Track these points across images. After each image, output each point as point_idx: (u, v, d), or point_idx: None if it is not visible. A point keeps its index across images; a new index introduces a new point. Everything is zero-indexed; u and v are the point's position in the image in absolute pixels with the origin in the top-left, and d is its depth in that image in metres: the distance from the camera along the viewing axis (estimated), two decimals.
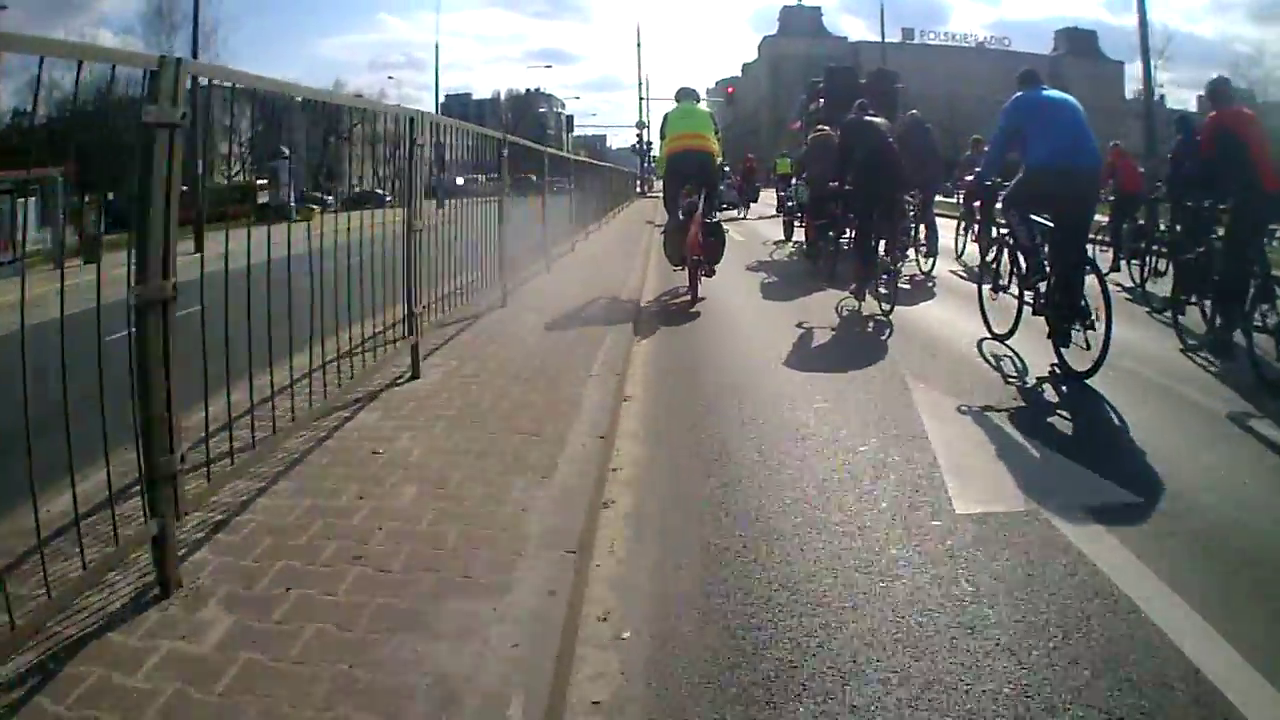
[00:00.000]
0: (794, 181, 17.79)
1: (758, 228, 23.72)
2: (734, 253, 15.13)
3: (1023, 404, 5.77)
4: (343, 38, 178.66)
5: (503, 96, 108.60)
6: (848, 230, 12.43)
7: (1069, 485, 4.20)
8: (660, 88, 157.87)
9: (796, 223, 17.31)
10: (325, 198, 40.08)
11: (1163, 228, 10.86)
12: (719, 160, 11.19)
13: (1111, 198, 12.17)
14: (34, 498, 2.59)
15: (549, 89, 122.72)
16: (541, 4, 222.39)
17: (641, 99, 53.47)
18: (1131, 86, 67.60)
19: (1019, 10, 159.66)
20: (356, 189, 40.92)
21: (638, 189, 52.77)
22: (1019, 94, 6.83)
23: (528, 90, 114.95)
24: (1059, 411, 5.68)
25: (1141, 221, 11.52)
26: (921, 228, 12.34)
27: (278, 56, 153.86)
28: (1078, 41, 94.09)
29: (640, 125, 54.35)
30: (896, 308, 8.71)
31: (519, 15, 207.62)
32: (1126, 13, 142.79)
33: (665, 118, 10.84)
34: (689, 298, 10.17)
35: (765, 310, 10.16)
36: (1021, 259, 6.96)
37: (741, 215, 29.72)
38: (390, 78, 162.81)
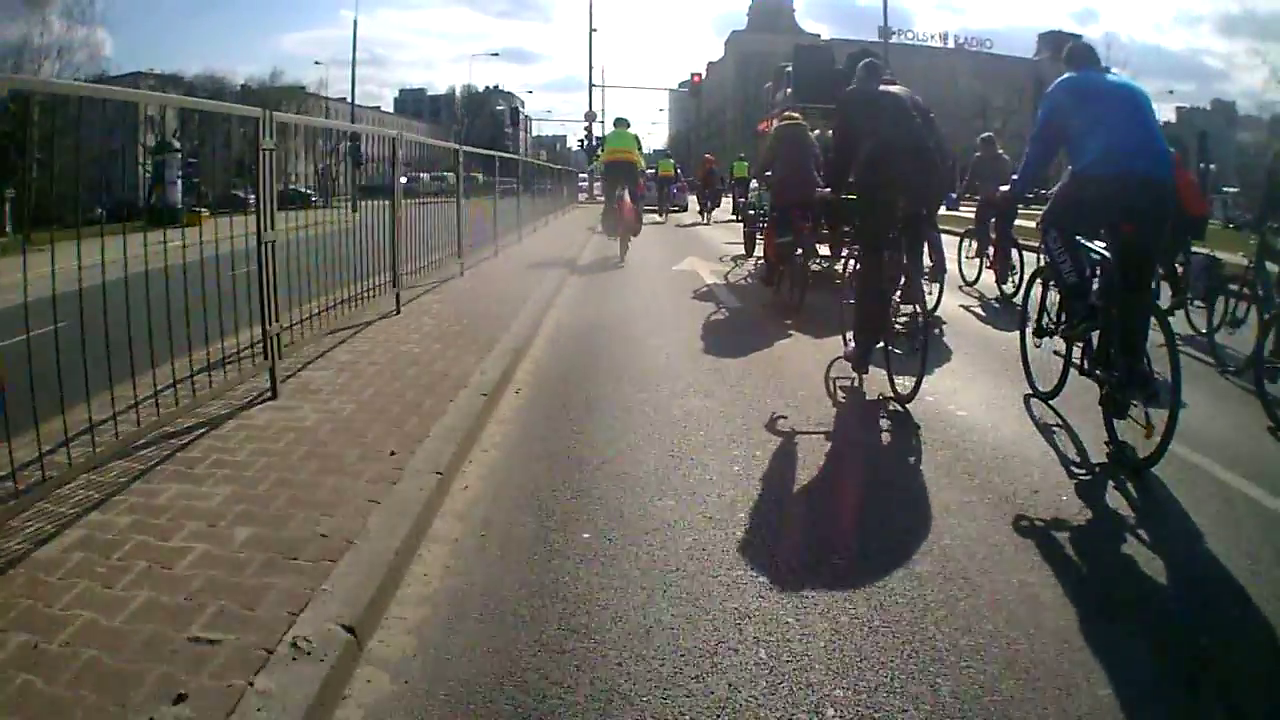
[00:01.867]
0: (753, 185, 15.66)
1: (715, 238, 21.19)
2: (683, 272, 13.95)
3: (1071, 522, 4.13)
4: (305, 33, 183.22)
5: (458, 93, 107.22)
6: (822, 252, 11.07)
7: None
8: (617, 92, 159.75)
9: (759, 235, 14.67)
10: (246, 197, 39.15)
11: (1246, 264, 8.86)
12: (640, 167, 17.25)
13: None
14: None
15: (510, 87, 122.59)
16: (504, 3, 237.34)
17: (593, 86, 48.96)
18: None
19: (982, 20, 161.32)
20: (291, 188, 39.94)
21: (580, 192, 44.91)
22: (1066, 76, 5.26)
23: (486, 88, 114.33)
24: (1111, 536, 4.01)
25: (1209, 253, 9.36)
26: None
27: (240, 49, 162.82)
28: (1062, 46, 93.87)
29: (590, 117, 49.55)
30: (898, 378, 6.09)
31: (482, 14, 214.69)
32: (1093, 22, 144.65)
33: (604, 138, 16.91)
34: (619, 257, 15.34)
35: (706, 377, 6.84)
36: (1065, 299, 5.38)
37: (704, 221, 28.42)
38: (317, 62, 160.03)
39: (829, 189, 7.16)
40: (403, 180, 9.44)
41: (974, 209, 12.34)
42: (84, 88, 4.41)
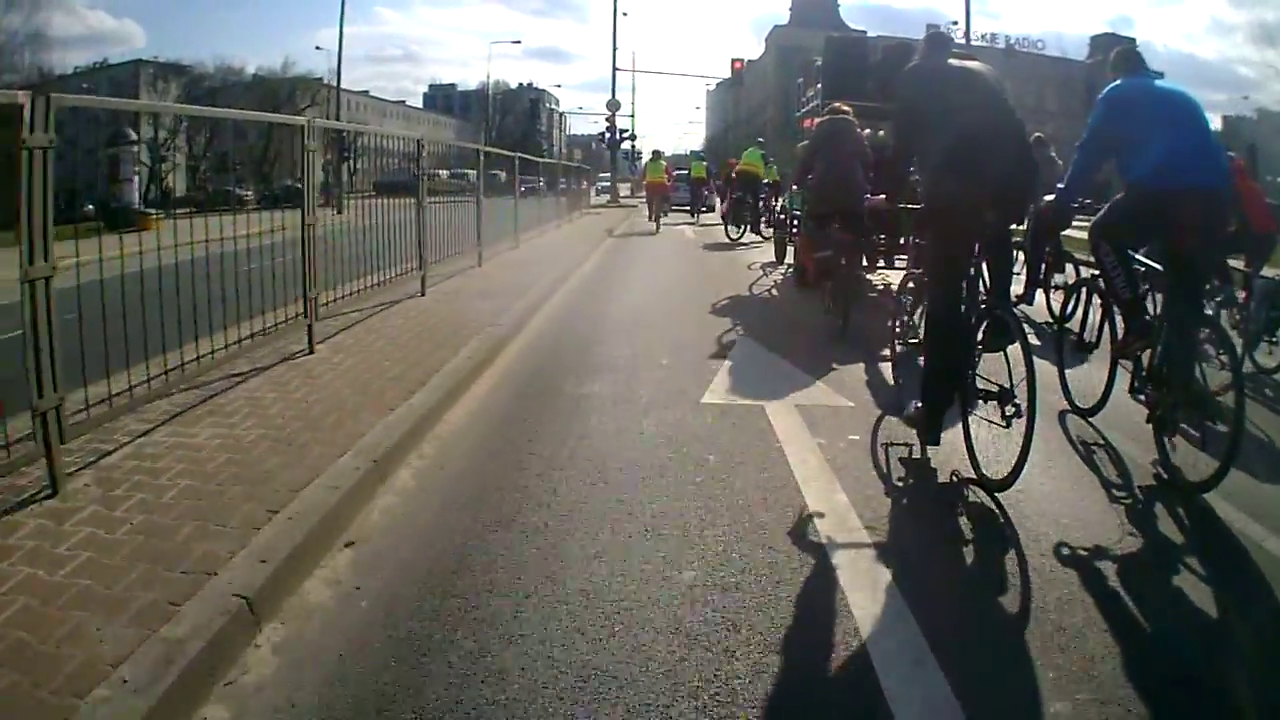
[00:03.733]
0: (792, 190, 14.56)
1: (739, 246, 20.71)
2: (702, 283, 13.36)
3: (1112, 547, 4.04)
4: (344, 29, 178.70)
5: (490, 89, 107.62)
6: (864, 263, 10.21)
7: None
8: (649, 82, 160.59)
9: (789, 241, 14.50)
10: (244, 193, 39.75)
11: None
12: (671, 187, 28.96)
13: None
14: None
15: (544, 86, 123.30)
16: (539, 2, 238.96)
17: (617, 70, 48.03)
18: None
19: (1017, 25, 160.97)
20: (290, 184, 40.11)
21: (591, 193, 43.71)
22: (1117, 83, 5.23)
23: (519, 84, 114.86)
24: (1153, 566, 3.93)
25: (1275, 277, 8.36)
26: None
27: (274, 44, 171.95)
28: (1113, 50, 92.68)
29: (611, 105, 47.62)
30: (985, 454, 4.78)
31: (517, 13, 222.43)
32: (1128, 29, 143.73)
33: (645, 166, 29.38)
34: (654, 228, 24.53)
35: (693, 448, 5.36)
36: (1117, 315, 5.34)
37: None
38: (318, 48, 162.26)
39: (883, 195, 6.00)
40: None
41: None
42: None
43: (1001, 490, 4.44)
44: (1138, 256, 5.22)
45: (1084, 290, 6.02)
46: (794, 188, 13.58)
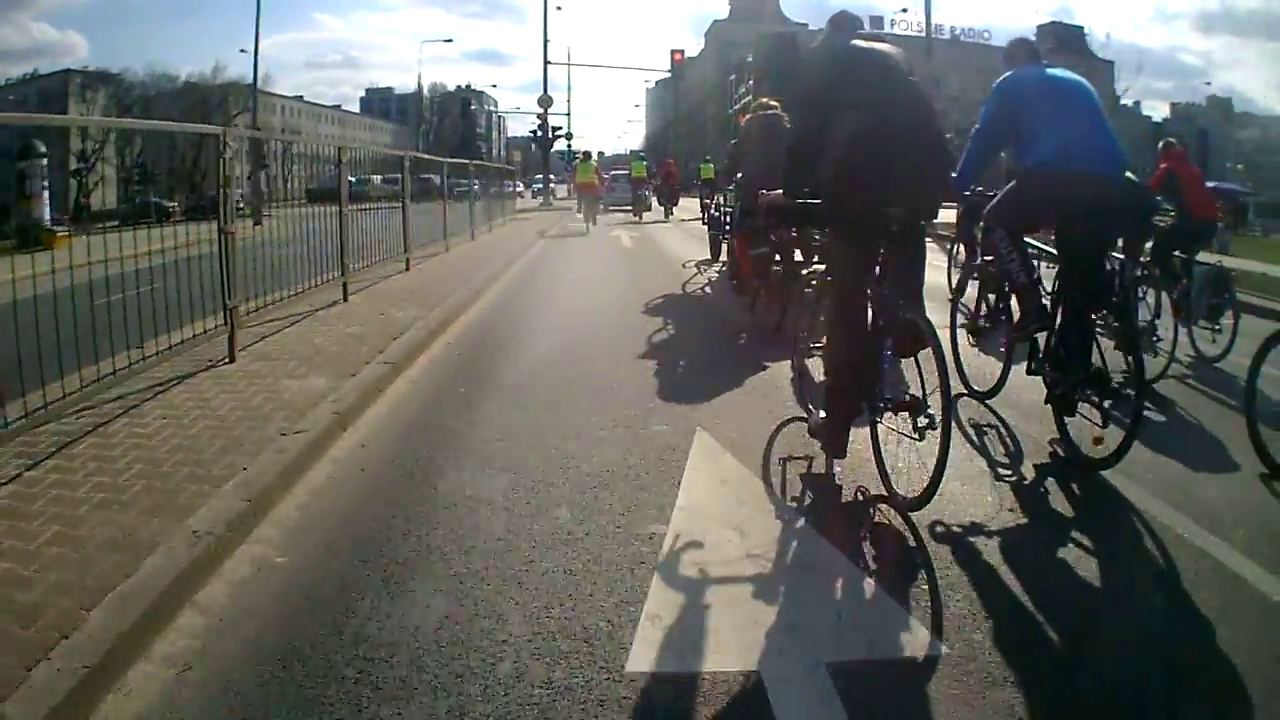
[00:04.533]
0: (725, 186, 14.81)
1: (672, 241, 22.21)
2: (638, 278, 13.78)
3: (1007, 521, 4.29)
4: (280, 36, 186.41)
5: (426, 91, 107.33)
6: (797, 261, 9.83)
7: None
8: (585, 78, 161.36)
9: (723, 237, 14.51)
10: (169, 205, 39.43)
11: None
12: (606, 187, 32.74)
13: (1165, 221, 8.69)
14: None
15: (480, 88, 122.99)
16: (477, 5, 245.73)
17: (548, 64, 47.25)
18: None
19: (953, 19, 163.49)
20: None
21: (523, 196, 47.13)
22: (1008, 74, 5.46)
23: (457, 87, 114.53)
24: (1051, 544, 4.08)
25: (1216, 263, 8.70)
26: None
27: (220, 52, 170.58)
28: (1065, 37, 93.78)
29: (543, 102, 47.09)
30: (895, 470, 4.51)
31: (455, 16, 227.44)
32: (1068, 19, 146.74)
33: (576, 167, 30.71)
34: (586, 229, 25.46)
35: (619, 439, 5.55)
36: (1013, 299, 5.55)
37: (666, 219, 31.83)
38: (242, 50, 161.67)
39: (782, 190, 5.15)
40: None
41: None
42: None
43: (915, 509, 4.20)
44: (1031, 241, 5.42)
45: (976, 275, 6.20)
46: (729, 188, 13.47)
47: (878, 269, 4.73)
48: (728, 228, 13.39)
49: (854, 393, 4.65)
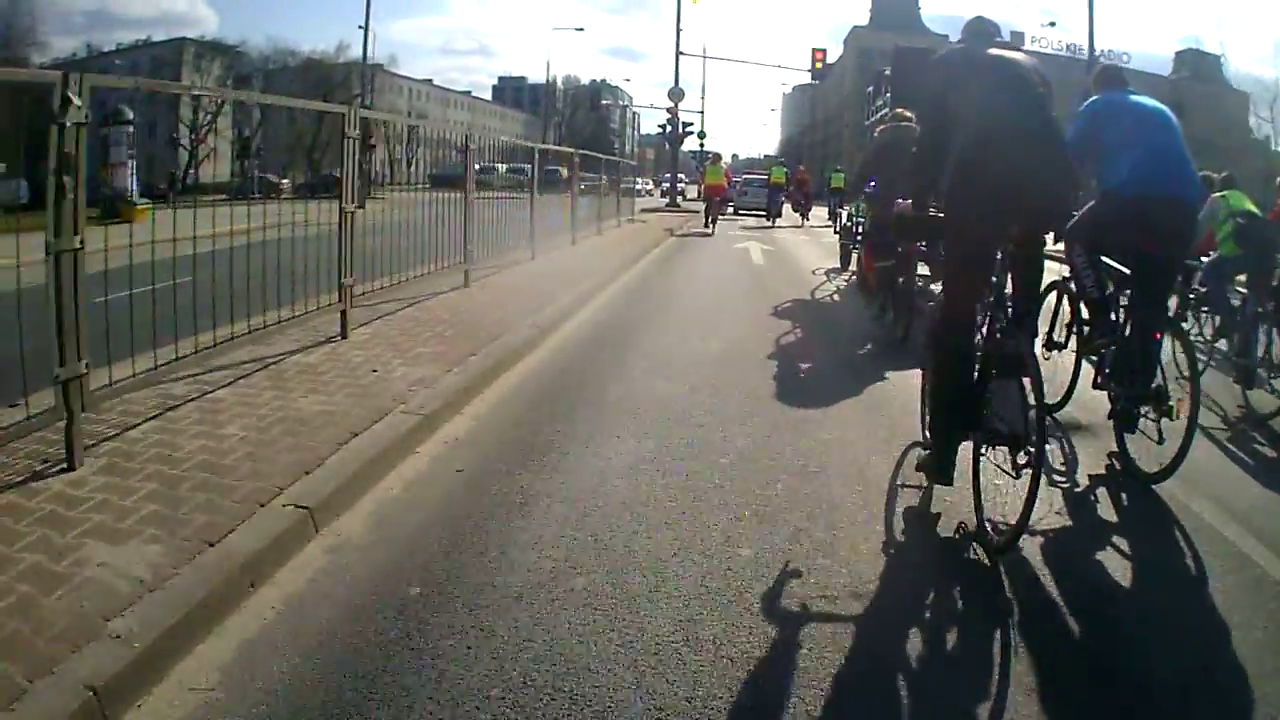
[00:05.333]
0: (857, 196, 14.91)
1: (803, 248, 22.24)
2: (767, 285, 13.98)
3: (1058, 525, 4.64)
4: (415, 20, 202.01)
5: (560, 83, 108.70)
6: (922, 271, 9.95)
7: None
8: (720, 71, 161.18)
9: (854, 247, 14.85)
10: (280, 182, 40.28)
11: None
12: (727, 188, 30.28)
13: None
14: None
15: (616, 83, 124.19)
16: (615, 1, 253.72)
17: (679, 52, 45.55)
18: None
19: (1079, 36, 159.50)
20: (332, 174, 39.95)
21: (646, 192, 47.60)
22: (1096, 97, 5.83)
23: (592, 81, 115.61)
24: (1104, 551, 4.39)
25: None
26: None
27: (341, 32, 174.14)
28: (1201, 65, 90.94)
29: (674, 95, 45.47)
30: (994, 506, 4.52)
31: (593, 9, 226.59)
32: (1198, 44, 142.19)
33: (704, 169, 31.40)
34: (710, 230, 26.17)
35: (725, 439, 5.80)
36: (1085, 312, 5.86)
37: (801, 225, 32.84)
38: (360, 26, 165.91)
39: (910, 199, 5.36)
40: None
41: None
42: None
43: (1000, 554, 4.09)
44: (1108, 261, 5.73)
45: (1054, 291, 6.47)
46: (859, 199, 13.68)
47: (991, 288, 4.64)
48: (858, 237, 13.77)
49: (957, 417, 4.49)
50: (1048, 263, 5.10)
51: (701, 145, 54.74)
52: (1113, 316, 5.66)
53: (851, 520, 4.52)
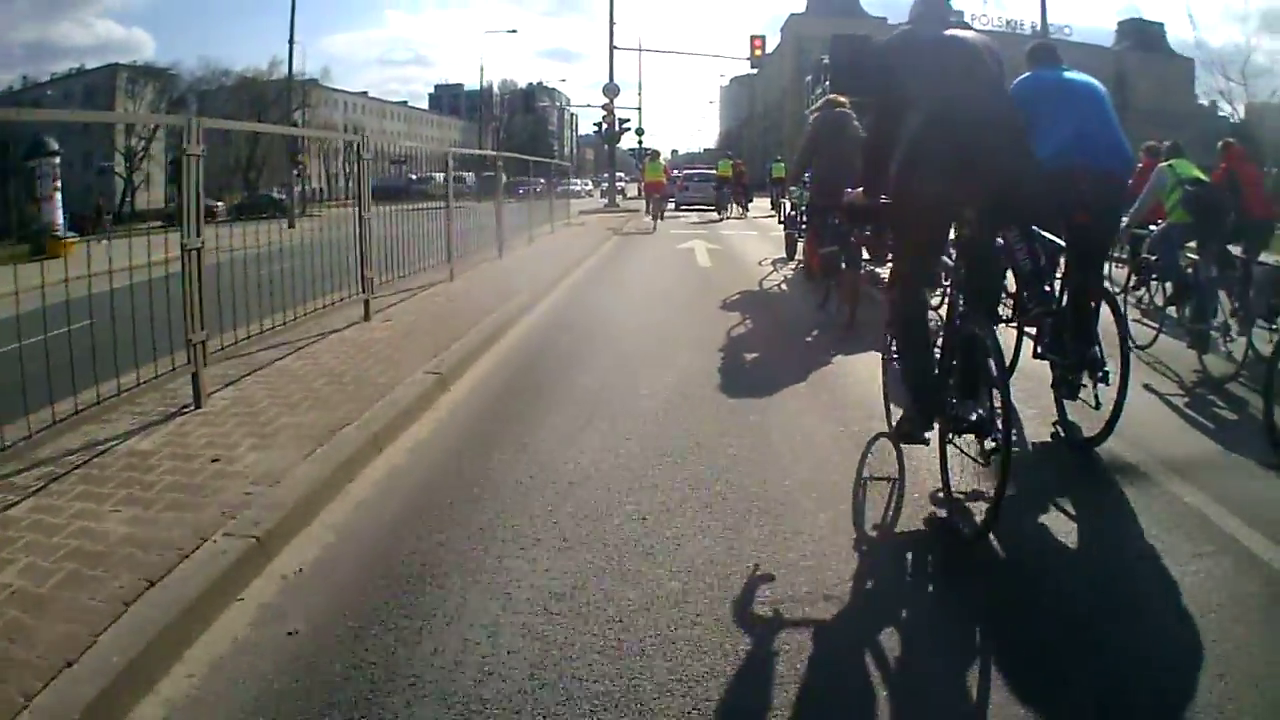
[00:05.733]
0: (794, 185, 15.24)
1: (747, 243, 21.66)
2: (711, 276, 13.97)
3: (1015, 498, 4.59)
4: (351, 33, 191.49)
5: (496, 89, 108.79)
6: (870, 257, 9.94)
7: None
8: (656, 65, 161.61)
9: (799, 236, 15.09)
10: (214, 205, 39.91)
11: None
12: (667, 184, 32.50)
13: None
14: None
15: (552, 85, 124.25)
16: (548, 2, 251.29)
17: (613, 46, 44.24)
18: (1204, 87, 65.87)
19: (1022, 13, 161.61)
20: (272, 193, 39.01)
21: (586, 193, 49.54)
22: (1027, 74, 6.04)
23: (529, 84, 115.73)
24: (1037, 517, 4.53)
25: (1277, 263, 8.49)
26: None
27: (280, 49, 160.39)
28: (1143, 35, 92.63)
29: (609, 91, 44.27)
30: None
31: (527, 13, 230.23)
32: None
33: (643, 166, 33.23)
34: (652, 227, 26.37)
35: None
36: (1020, 285, 6.05)
37: (738, 217, 33.52)
38: (291, 41, 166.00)
39: (863, 188, 5.08)
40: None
41: None
42: None
43: (975, 540, 4.12)
44: (1040, 233, 5.91)
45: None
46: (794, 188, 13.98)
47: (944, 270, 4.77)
48: (802, 225, 13.95)
49: (926, 393, 4.62)
50: None
51: (640, 142, 54.32)
52: (1047, 288, 5.85)
53: (813, 517, 4.43)
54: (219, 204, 48.05)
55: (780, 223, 19.65)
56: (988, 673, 3.17)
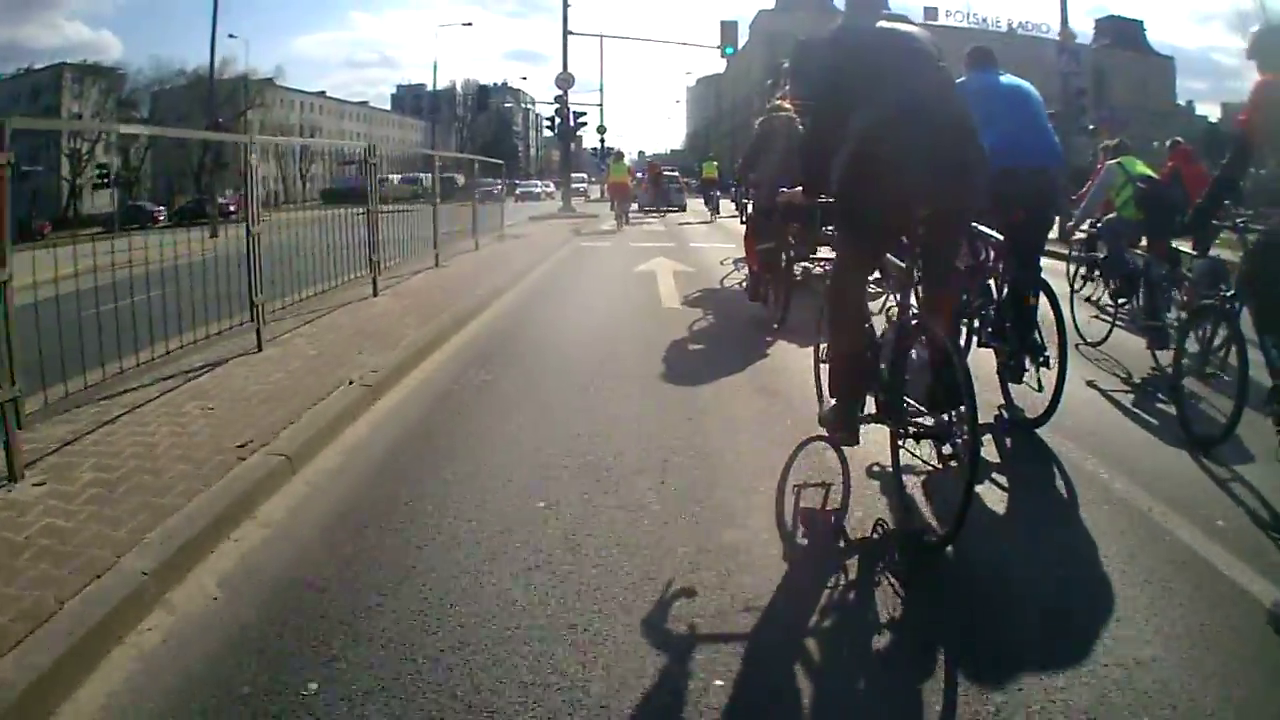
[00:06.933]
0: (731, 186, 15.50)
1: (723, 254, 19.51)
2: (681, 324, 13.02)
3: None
4: (317, 35, 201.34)
5: (459, 89, 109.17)
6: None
7: None
8: (625, 81, 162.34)
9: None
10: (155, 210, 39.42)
11: None
12: (631, 185, 32.38)
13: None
14: None
15: (518, 86, 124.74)
16: (513, 4, 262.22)
17: (567, 31, 41.18)
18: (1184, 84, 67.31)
19: (994, 11, 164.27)
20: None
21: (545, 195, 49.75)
22: (964, 78, 6.54)
23: (493, 84, 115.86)
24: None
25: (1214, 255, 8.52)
26: None
27: (254, 54, 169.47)
28: (1121, 32, 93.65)
29: (562, 81, 41.65)
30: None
31: (491, 14, 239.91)
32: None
33: (609, 166, 33.09)
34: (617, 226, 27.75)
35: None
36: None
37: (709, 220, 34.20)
38: (231, 35, 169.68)
39: (802, 189, 5.07)
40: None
41: None
42: None
43: (940, 548, 4.15)
44: (980, 228, 6.46)
45: None
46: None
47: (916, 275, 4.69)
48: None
49: (857, 379, 4.73)
50: None
51: (602, 141, 54.25)
52: (988, 281, 6.41)
53: (743, 522, 4.48)
54: (160, 209, 48.08)
55: (743, 222, 19.98)
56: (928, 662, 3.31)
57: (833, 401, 4.88)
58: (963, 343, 6.51)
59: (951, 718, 2.97)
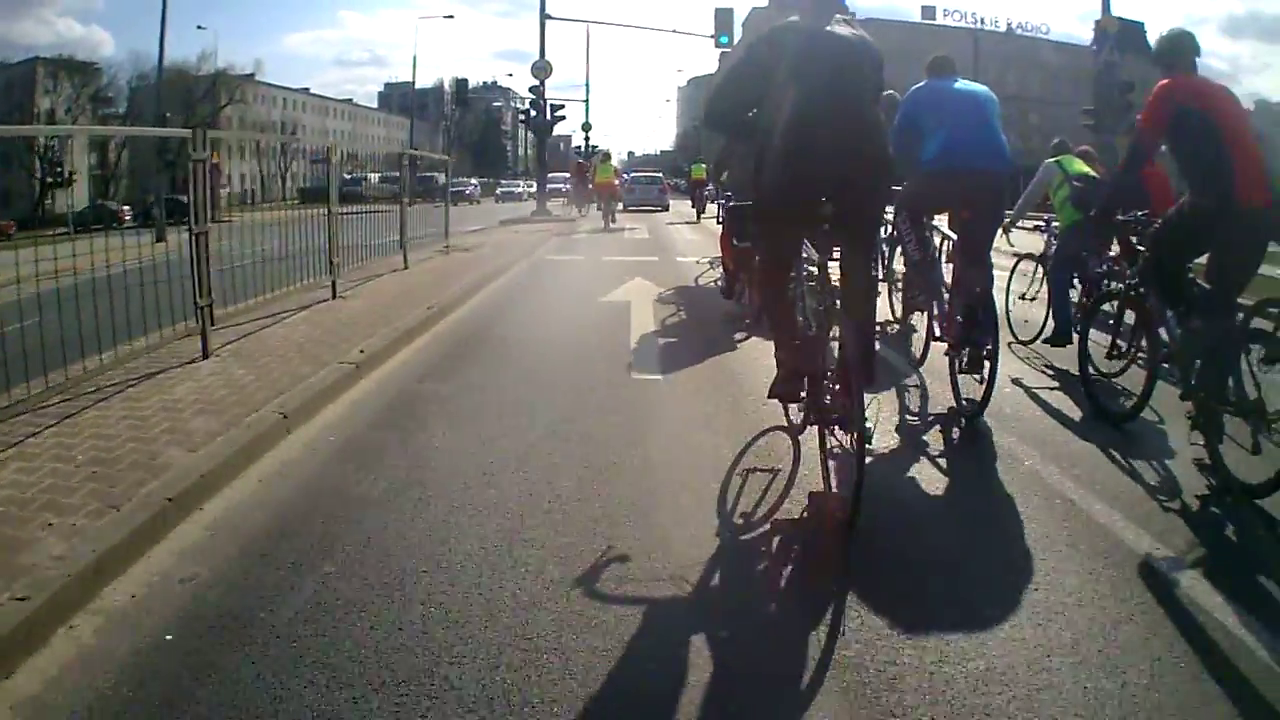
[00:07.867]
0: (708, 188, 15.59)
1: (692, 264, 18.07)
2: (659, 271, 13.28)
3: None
4: (307, 33, 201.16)
5: (448, 87, 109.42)
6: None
7: None
8: (615, 82, 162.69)
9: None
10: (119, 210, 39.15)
11: None
12: (616, 184, 34.33)
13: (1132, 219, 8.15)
14: None
15: (508, 86, 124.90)
16: (503, 4, 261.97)
17: (545, 16, 38.85)
18: None
19: (1010, 10, 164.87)
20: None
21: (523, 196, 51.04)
22: (919, 85, 7.01)
23: (481, 82, 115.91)
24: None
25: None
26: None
27: (244, 50, 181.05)
28: (1123, 34, 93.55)
29: (538, 70, 39.18)
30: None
31: (481, 14, 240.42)
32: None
33: (595, 167, 34.38)
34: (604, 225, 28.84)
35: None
36: (910, 272, 7.07)
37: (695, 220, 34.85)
38: (199, 27, 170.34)
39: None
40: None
41: None
42: None
43: (848, 526, 4.38)
44: (938, 226, 6.91)
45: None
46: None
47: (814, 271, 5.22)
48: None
49: (792, 354, 5.03)
50: None
51: (587, 139, 54.63)
52: (935, 274, 6.87)
53: (693, 504, 4.76)
54: (125, 208, 47.96)
55: (719, 222, 20.51)
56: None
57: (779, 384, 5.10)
58: (922, 335, 7.11)
59: (856, 675, 3.19)
